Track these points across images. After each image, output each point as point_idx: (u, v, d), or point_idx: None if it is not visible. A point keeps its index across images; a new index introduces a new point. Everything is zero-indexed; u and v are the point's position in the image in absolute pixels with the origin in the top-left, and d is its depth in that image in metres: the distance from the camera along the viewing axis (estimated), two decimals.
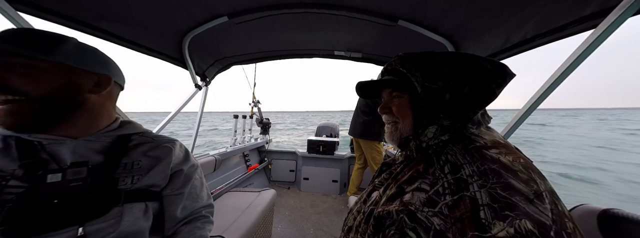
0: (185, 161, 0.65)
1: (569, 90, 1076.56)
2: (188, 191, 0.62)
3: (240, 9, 1.01)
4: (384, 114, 0.53)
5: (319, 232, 1.87)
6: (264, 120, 3.38)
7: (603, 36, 0.65)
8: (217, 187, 1.96)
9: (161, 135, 0.66)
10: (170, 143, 0.63)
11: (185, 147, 0.68)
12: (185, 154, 0.66)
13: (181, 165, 0.63)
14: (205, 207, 0.68)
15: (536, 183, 0.32)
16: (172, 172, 0.61)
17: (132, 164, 0.55)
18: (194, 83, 1.53)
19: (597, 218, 0.54)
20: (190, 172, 0.65)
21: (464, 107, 0.41)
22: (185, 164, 0.64)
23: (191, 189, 0.64)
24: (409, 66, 0.45)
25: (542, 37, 0.87)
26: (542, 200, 0.30)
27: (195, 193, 0.65)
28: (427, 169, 0.41)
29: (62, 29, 0.80)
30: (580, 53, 0.69)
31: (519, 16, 0.83)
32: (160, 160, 0.59)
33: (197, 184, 0.66)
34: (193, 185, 0.64)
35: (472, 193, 0.32)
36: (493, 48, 1.07)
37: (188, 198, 0.63)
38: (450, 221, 0.32)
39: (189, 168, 0.65)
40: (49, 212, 0.44)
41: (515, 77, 0.43)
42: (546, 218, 0.29)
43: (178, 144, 0.66)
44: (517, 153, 0.38)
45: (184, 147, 0.68)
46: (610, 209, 0.54)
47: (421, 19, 1.03)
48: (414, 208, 0.36)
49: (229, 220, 1.28)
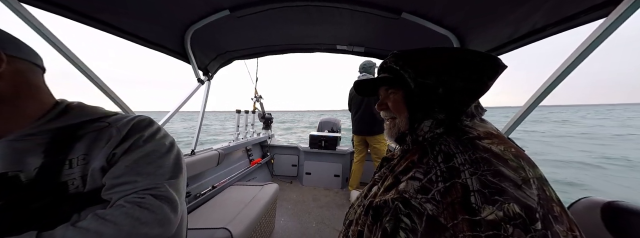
0: (129, 136, 0.51)
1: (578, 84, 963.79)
2: (133, 170, 0.48)
3: (242, 2, 1.01)
4: (381, 110, 0.55)
5: (321, 225, 1.89)
6: (266, 116, 3.38)
7: (614, 25, 0.63)
8: (220, 181, 1.98)
9: (124, 115, 0.56)
10: (117, 121, 0.52)
11: (141, 121, 0.55)
12: (132, 128, 0.52)
13: (122, 142, 0.50)
14: (148, 189, 0.49)
15: (525, 171, 0.34)
16: (111, 158, 0.48)
17: (77, 161, 0.46)
18: (196, 77, 1.53)
19: (601, 210, 0.54)
20: (140, 146, 0.51)
21: (457, 100, 0.43)
22: (128, 141, 0.50)
23: (137, 166, 0.49)
24: (402, 63, 0.46)
25: (553, 27, 0.84)
26: (529, 186, 0.32)
27: (144, 171, 0.50)
28: (421, 159, 0.42)
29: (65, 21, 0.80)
30: (591, 43, 0.67)
31: (527, 6, 0.81)
32: (101, 148, 0.48)
33: (149, 160, 0.51)
34: (139, 162, 0.50)
35: (463, 180, 0.34)
36: (500, 40, 1.05)
37: (130, 177, 0.48)
38: (442, 206, 0.34)
39: (135, 141, 0.51)
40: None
41: (506, 68, 0.43)
42: (532, 202, 0.31)
43: (123, 120, 0.53)
44: (508, 143, 0.39)
45: (140, 120, 0.55)
46: (614, 201, 0.54)
47: (425, 11, 1.01)
48: (408, 195, 0.38)
49: (232, 212, 1.30)
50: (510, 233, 0.29)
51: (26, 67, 0.46)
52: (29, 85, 0.46)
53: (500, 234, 0.29)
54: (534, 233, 0.28)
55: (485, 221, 0.30)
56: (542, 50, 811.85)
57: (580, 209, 0.58)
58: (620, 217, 0.51)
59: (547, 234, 0.29)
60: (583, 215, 0.56)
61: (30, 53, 0.47)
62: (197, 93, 1.57)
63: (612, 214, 0.53)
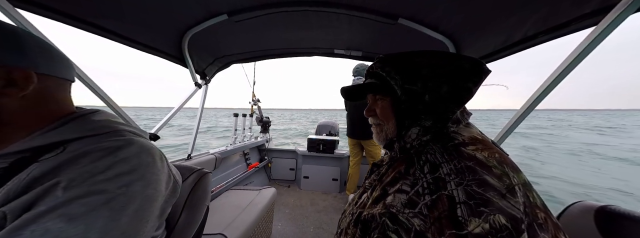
0: (51, 178, 0.35)
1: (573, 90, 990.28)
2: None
3: (239, 7, 1.01)
4: (369, 116, 0.54)
5: (319, 230, 1.87)
6: (264, 119, 3.37)
7: (604, 33, 0.65)
8: (217, 185, 1.96)
9: (87, 144, 0.41)
10: (61, 153, 0.38)
11: (105, 152, 0.39)
12: (72, 164, 0.37)
13: (20, 195, 0.34)
14: None
15: (509, 178, 0.34)
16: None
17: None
18: (193, 81, 1.53)
19: (594, 214, 0.54)
20: (51, 198, 0.33)
21: (444, 107, 0.43)
22: (41, 186, 0.34)
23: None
24: (388, 69, 0.46)
25: (544, 35, 0.87)
26: (514, 194, 0.32)
27: None
28: (408, 170, 0.42)
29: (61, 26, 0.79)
30: (581, 51, 0.69)
31: (520, 14, 0.83)
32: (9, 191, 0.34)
33: (62, 226, 0.31)
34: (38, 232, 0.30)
35: (449, 191, 0.34)
36: (494, 46, 1.07)
37: None
38: (430, 221, 0.34)
39: (50, 189, 0.34)
40: None
41: (490, 73, 0.44)
42: (517, 212, 0.30)
43: (66, 153, 0.38)
44: (493, 148, 0.39)
45: (104, 152, 0.39)
46: (608, 206, 0.54)
47: (421, 18, 1.03)
48: (395, 210, 0.38)
49: (229, 218, 1.29)
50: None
51: (54, 83, 0.43)
52: (48, 101, 0.42)
53: None
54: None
55: (472, 235, 0.30)
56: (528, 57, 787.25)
57: (573, 213, 0.58)
58: (614, 221, 0.52)
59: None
60: (576, 220, 0.57)
61: (62, 68, 0.43)
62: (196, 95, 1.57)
63: (606, 218, 0.53)
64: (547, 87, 0.79)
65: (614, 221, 0.52)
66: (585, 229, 0.54)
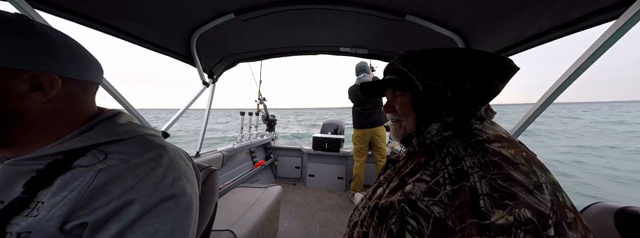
0: (122, 192, 0.36)
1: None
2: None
3: (246, 5, 1.02)
4: (387, 112, 0.54)
5: (324, 228, 1.88)
6: (270, 117, 3.40)
7: (625, 27, 0.61)
8: (224, 183, 1.99)
9: (124, 145, 0.43)
10: (106, 158, 0.39)
11: (151, 163, 0.41)
12: (131, 176, 0.38)
13: (99, 207, 0.35)
14: None
15: (536, 176, 0.33)
16: (74, 222, 0.34)
17: (37, 204, 0.35)
18: (201, 80, 1.55)
19: (614, 216, 0.52)
20: (128, 212, 0.36)
21: (467, 103, 0.42)
22: (117, 199, 0.36)
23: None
24: (410, 65, 0.45)
25: (560, 30, 0.83)
26: (541, 191, 0.31)
27: None
28: (428, 161, 0.41)
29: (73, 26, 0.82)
30: (600, 45, 0.66)
31: (533, 8, 0.80)
32: (56, 203, 0.35)
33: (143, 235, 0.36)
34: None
35: (472, 183, 0.33)
36: (505, 42, 1.04)
37: None
38: (450, 209, 0.33)
39: (127, 204, 0.36)
40: None
41: (519, 70, 0.42)
42: (545, 208, 0.29)
43: (114, 157, 0.40)
44: (519, 147, 0.38)
45: (150, 163, 0.41)
46: (629, 207, 0.52)
47: (429, 14, 1.01)
48: (415, 197, 0.37)
49: (236, 215, 1.31)
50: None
51: (81, 86, 0.42)
52: (74, 104, 0.41)
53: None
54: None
55: (495, 225, 0.29)
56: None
57: (592, 215, 0.56)
58: (635, 223, 0.50)
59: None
60: (595, 221, 0.55)
61: (90, 71, 0.43)
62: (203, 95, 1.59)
63: (627, 220, 0.51)
64: (564, 81, 0.76)
65: (636, 222, 0.50)
66: (604, 230, 0.52)
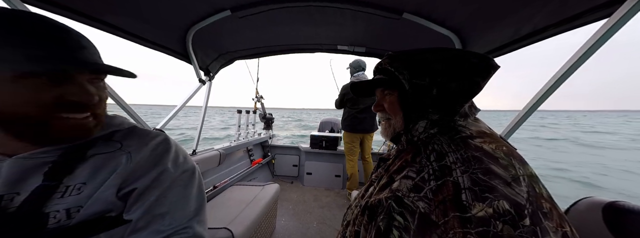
0: (147, 169, 0.45)
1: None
2: (155, 211, 0.43)
3: (243, 2, 1.01)
4: (377, 111, 0.56)
5: (322, 226, 1.89)
6: (267, 116, 3.38)
7: (617, 25, 0.62)
8: (221, 181, 1.99)
9: (135, 131, 0.51)
10: (129, 142, 0.47)
11: (157, 145, 0.49)
12: (156, 157, 0.47)
13: (141, 177, 0.44)
14: (176, 231, 0.44)
15: (515, 169, 0.35)
16: (126, 190, 0.43)
17: (73, 189, 0.39)
18: (198, 78, 1.54)
19: (603, 211, 0.54)
20: (161, 181, 0.45)
21: (452, 101, 0.44)
22: (147, 175, 0.44)
23: (160, 206, 0.44)
24: (397, 65, 0.47)
25: (554, 27, 0.84)
26: (518, 183, 0.33)
27: (168, 210, 0.44)
28: (414, 158, 0.43)
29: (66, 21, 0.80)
30: (593, 44, 0.67)
31: (529, 6, 0.80)
32: (103, 179, 0.41)
33: (173, 197, 0.46)
34: (161, 201, 0.44)
35: (455, 178, 0.35)
36: (501, 40, 1.05)
37: (155, 220, 0.43)
38: (434, 204, 0.35)
39: (159, 175, 0.45)
40: None
41: (499, 68, 0.45)
42: (521, 199, 0.31)
43: (135, 141, 0.48)
44: (500, 141, 0.40)
45: (156, 144, 0.49)
46: (616, 202, 0.53)
47: (427, 12, 1.01)
48: (401, 194, 0.39)
49: (233, 213, 1.31)
50: (500, 229, 0.29)
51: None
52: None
53: (490, 230, 0.29)
54: (523, 228, 0.29)
55: (476, 218, 0.31)
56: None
57: (581, 209, 0.58)
58: (623, 217, 0.51)
59: (536, 230, 0.29)
60: (584, 216, 0.56)
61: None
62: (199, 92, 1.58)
63: (614, 214, 0.52)
64: (554, 83, 0.77)
65: (623, 217, 0.51)
66: (593, 225, 0.54)
